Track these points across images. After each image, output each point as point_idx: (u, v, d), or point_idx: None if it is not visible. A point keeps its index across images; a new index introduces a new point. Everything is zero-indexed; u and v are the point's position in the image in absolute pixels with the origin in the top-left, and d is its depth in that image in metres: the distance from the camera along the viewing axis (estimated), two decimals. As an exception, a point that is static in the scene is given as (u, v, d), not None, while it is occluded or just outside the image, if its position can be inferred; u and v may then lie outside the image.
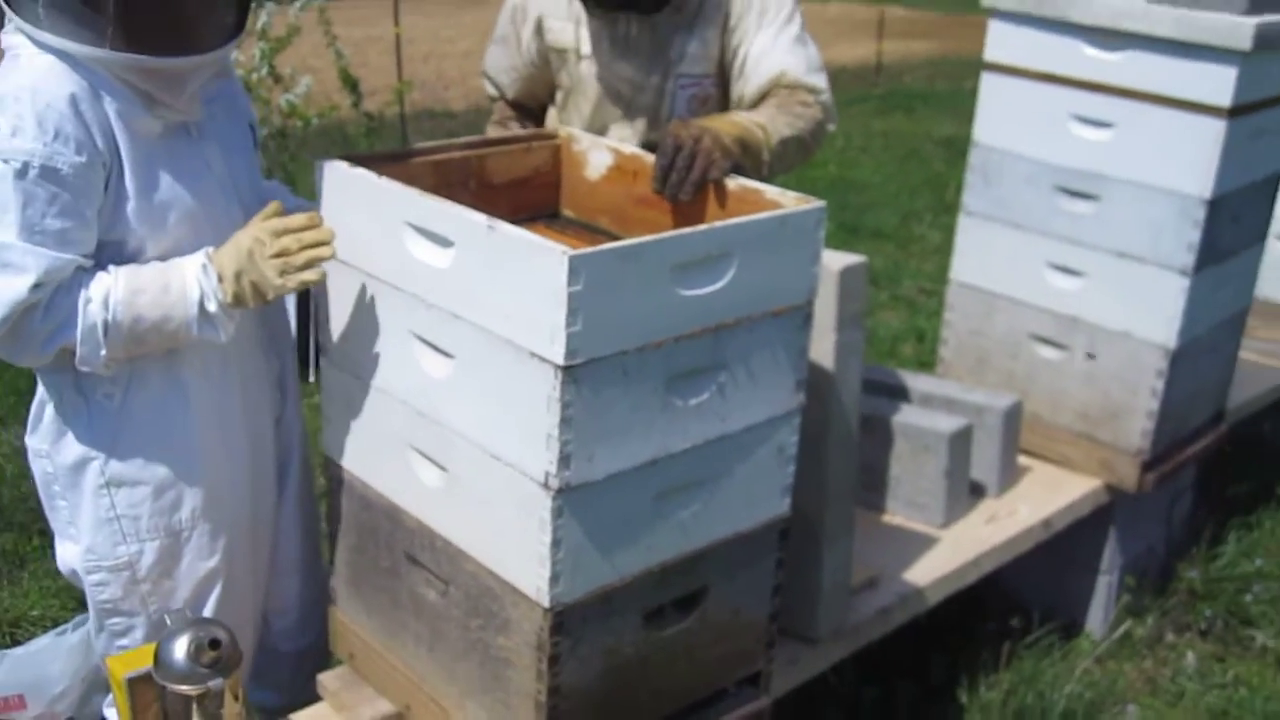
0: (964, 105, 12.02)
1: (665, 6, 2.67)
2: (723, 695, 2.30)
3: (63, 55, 1.99)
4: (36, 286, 1.96)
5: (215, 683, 1.95)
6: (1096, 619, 3.56)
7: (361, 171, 2.08)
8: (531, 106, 3.02)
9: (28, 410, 2.29)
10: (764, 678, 2.35)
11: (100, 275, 2.03)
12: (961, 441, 3.11)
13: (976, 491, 3.27)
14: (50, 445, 2.22)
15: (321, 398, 2.31)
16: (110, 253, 2.08)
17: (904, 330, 6.11)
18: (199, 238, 2.13)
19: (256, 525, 2.39)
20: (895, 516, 3.15)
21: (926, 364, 5.02)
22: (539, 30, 2.86)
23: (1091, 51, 3.17)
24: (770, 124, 2.51)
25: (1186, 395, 3.39)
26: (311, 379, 5.45)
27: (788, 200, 2.10)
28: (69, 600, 3.65)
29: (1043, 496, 3.31)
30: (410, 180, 2.08)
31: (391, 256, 2.03)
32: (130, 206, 2.06)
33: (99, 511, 2.23)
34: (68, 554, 2.31)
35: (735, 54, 2.73)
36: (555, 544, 1.87)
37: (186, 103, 2.11)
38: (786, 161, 2.58)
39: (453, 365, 1.97)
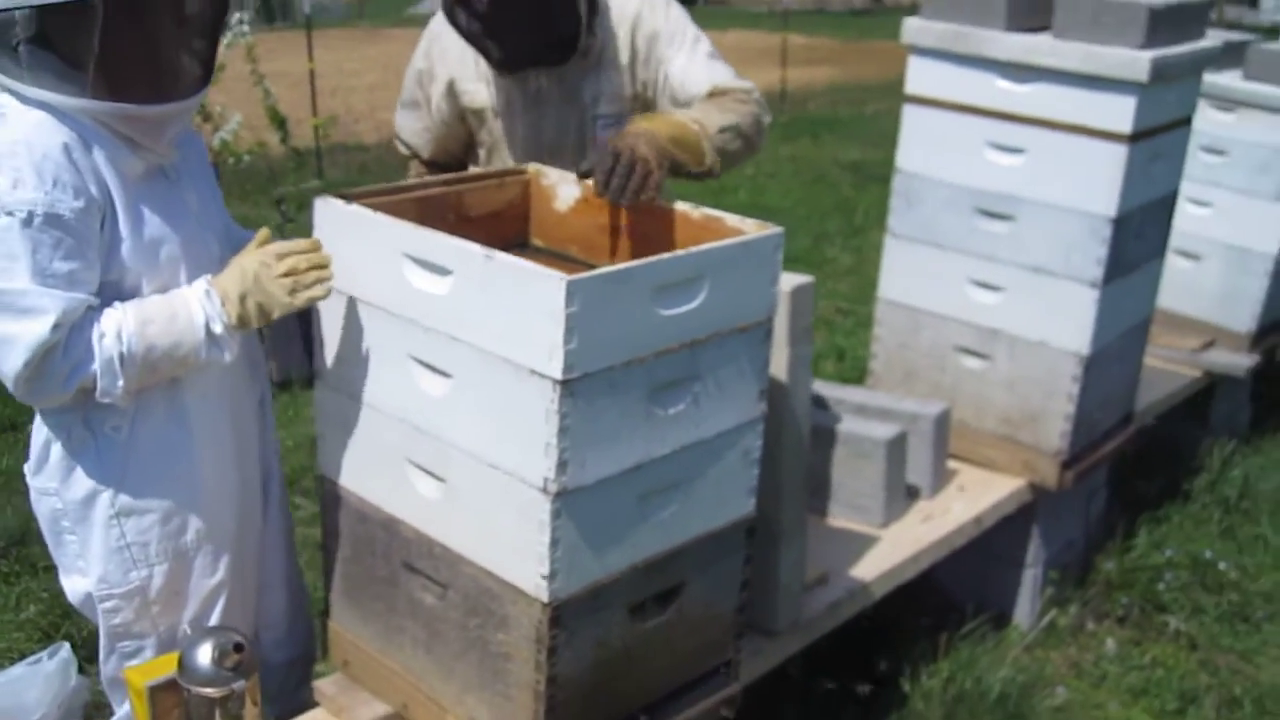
0: (867, 130, 12.52)
1: (571, 56, 2.76)
2: (697, 683, 2.49)
3: (49, 108, 2.12)
4: (56, 327, 2.08)
5: (238, 685, 2.10)
6: (1023, 611, 3.81)
7: (357, 208, 2.25)
8: (447, 163, 3.11)
9: None
10: (734, 666, 2.55)
11: (109, 311, 2.16)
12: (897, 447, 3.34)
13: (912, 494, 3.50)
14: (59, 483, 2.32)
15: (316, 419, 2.46)
16: (108, 292, 2.20)
17: (825, 349, 6.34)
18: (186, 273, 2.27)
19: (245, 541, 2.53)
20: (838, 519, 3.37)
21: (849, 380, 5.25)
22: (451, 92, 2.95)
23: (1004, 84, 3.44)
24: (704, 117, 2.65)
25: (1099, 399, 3.65)
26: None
27: (748, 226, 2.31)
28: (34, 632, 3.73)
29: (972, 496, 3.55)
30: (396, 214, 2.25)
31: (388, 285, 2.20)
32: (124, 246, 2.19)
33: (110, 541, 2.33)
34: (77, 585, 2.41)
35: (654, 85, 2.86)
36: (554, 544, 2.06)
37: (165, 146, 2.25)
38: (730, 153, 2.68)
39: (450, 384, 2.15)
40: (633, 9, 2.84)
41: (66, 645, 3.42)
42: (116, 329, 2.14)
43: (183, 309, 2.20)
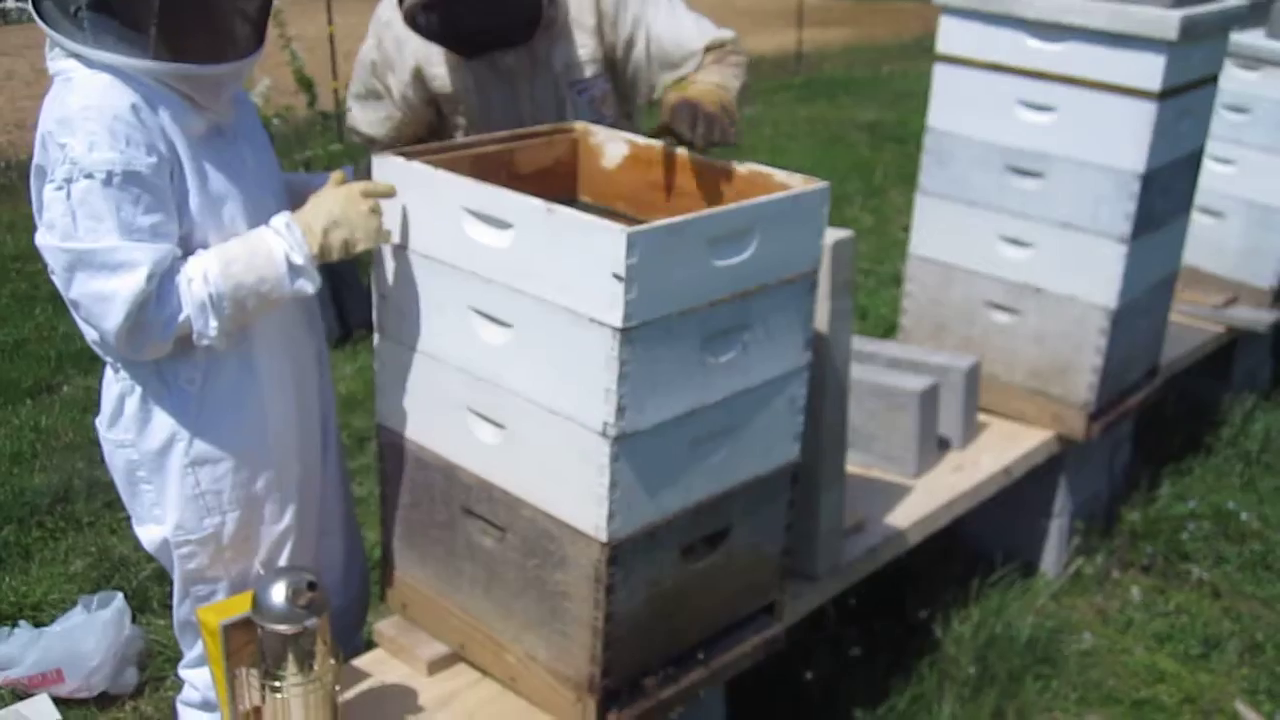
0: (884, 90, 12.53)
1: (535, 32, 2.77)
2: (743, 623, 2.59)
3: (113, 71, 2.19)
4: (149, 278, 2.15)
5: (311, 622, 2.19)
6: (1050, 559, 3.90)
7: (418, 164, 2.33)
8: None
9: (2, 410, 2.43)
10: (778, 607, 2.65)
11: (192, 259, 2.23)
12: (930, 399, 3.43)
13: (943, 445, 3.59)
14: (135, 434, 2.41)
15: (376, 370, 2.55)
16: (180, 246, 2.28)
17: (848, 307, 6.39)
18: (249, 227, 2.35)
19: (308, 489, 2.62)
20: (872, 469, 3.46)
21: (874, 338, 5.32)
22: (418, 78, 2.93)
23: (1035, 43, 3.50)
24: (724, 81, 2.75)
25: (1125, 352, 3.73)
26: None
27: (795, 181, 2.39)
28: (85, 584, 3.84)
29: (1002, 447, 3.64)
30: (452, 171, 2.33)
31: (448, 239, 2.28)
32: (192, 202, 2.27)
33: (185, 490, 2.42)
34: (153, 534, 2.50)
35: (629, 46, 2.87)
36: (612, 485, 2.15)
37: (223, 106, 2.34)
38: (742, 108, 2.81)
39: (511, 334, 2.23)
40: None
41: (120, 595, 3.54)
42: (203, 273, 2.21)
43: (262, 245, 2.26)
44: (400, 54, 2.88)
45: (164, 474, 2.42)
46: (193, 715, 2.69)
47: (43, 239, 2.21)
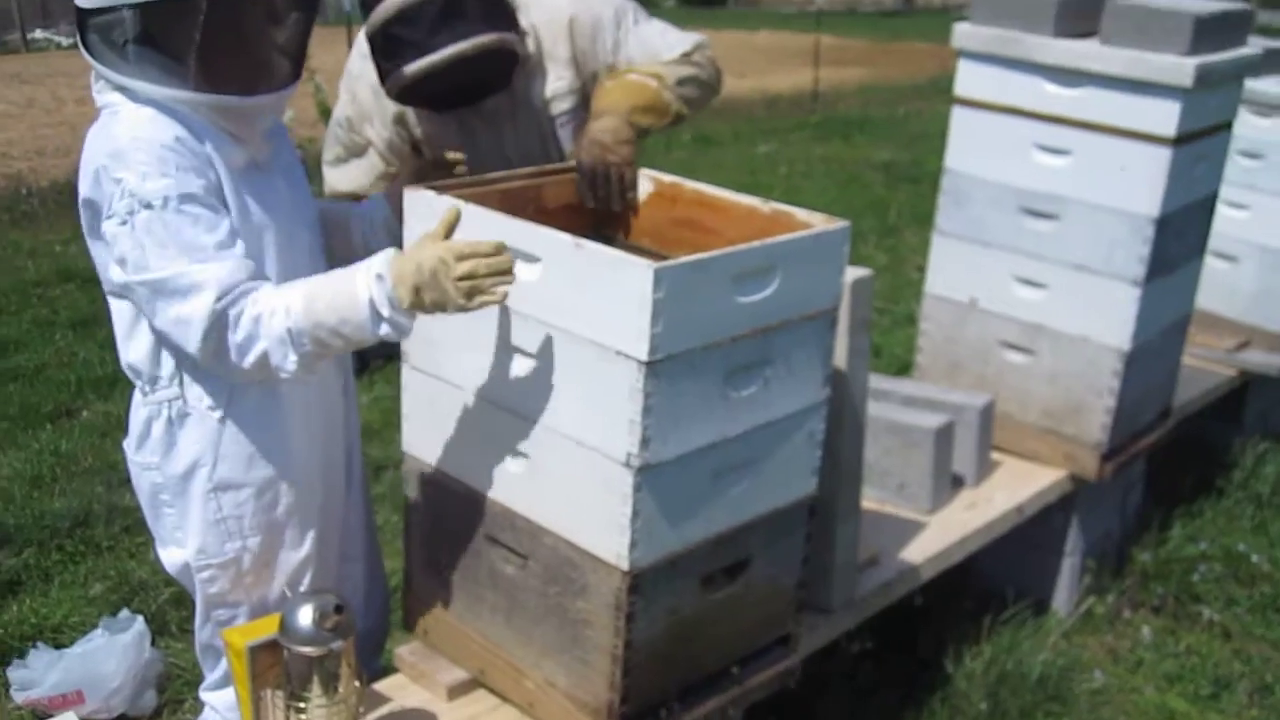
0: (899, 131, 12.62)
1: (514, 75, 2.74)
2: (759, 654, 2.63)
3: (157, 104, 2.25)
4: (220, 296, 2.18)
5: (336, 645, 2.24)
6: (1062, 598, 3.93)
7: (449, 198, 2.38)
8: None
9: (20, 435, 2.46)
10: (794, 639, 2.69)
11: (278, 291, 2.24)
12: (945, 436, 3.47)
13: (957, 482, 3.63)
14: (160, 458, 2.45)
15: (403, 399, 2.60)
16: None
17: (862, 346, 6.43)
18: (287, 258, 2.40)
19: (330, 516, 2.66)
20: (887, 505, 3.50)
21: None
22: (401, 123, 2.88)
23: (1052, 88, 3.55)
24: (664, 70, 2.76)
25: (1138, 394, 3.77)
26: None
27: (817, 220, 2.44)
28: (104, 607, 3.88)
29: (1015, 486, 3.67)
30: (482, 205, 2.39)
31: (478, 272, 2.33)
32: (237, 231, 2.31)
33: (208, 515, 2.46)
34: (174, 556, 2.54)
35: (607, 69, 2.85)
36: (635, 515, 2.19)
37: (260, 137, 2.40)
38: (693, 99, 2.80)
39: (537, 365, 2.28)
40: (564, 9, 2.82)
41: (140, 618, 3.58)
42: (285, 306, 2.20)
43: (348, 286, 2.20)
44: (379, 102, 2.85)
45: (186, 498, 2.46)
46: None
47: (119, 276, 2.26)
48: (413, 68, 2.56)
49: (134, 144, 2.20)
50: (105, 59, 2.26)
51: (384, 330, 2.20)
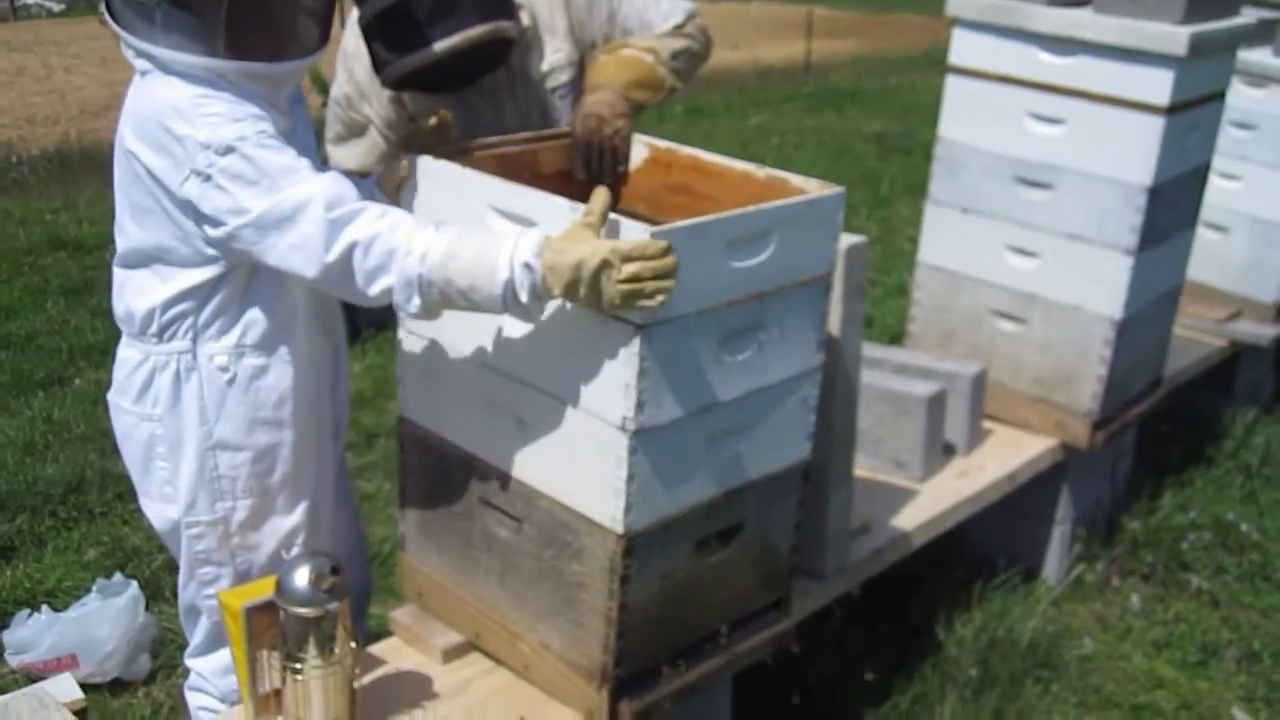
0: (891, 102, 12.60)
1: (509, 53, 2.70)
2: (753, 618, 2.64)
3: (183, 74, 2.23)
4: (329, 207, 2.16)
5: (332, 606, 2.24)
6: (1052, 566, 3.96)
7: (445, 162, 2.39)
8: None
9: (12, 402, 2.43)
10: (786, 603, 2.70)
11: (429, 231, 2.18)
12: (937, 405, 3.48)
13: (948, 451, 3.65)
14: (164, 410, 2.46)
15: (398, 362, 2.60)
16: None
17: (854, 316, 6.44)
18: None
19: (320, 486, 2.66)
20: (879, 473, 3.51)
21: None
22: (398, 100, 2.82)
23: (1046, 57, 3.56)
24: (659, 44, 2.76)
25: (1129, 363, 3.78)
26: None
27: (811, 186, 2.44)
28: (98, 572, 3.89)
29: (1006, 454, 3.69)
30: (478, 169, 2.39)
31: (474, 236, 2.33)
32: None
33: (203, 472, 2.48)
34: (164, 511, 2.56)
35: (605, 38, 2.83)
36: (630, 479, 2.20)
37: (284, 106, 2.38)
38: (685, 71, 2.80)
39: (533, 330, 2.29)
40: None
41: (134, 583, 3.59)
42: (424, 251, 2.15)
43: (491, 255, 2.12)
44: (375, 81, 2.78)
45: (181, 453, 2.48)
46: (200, 700, 2.74)
47: (217, 232, 2.25)
48: (406, 61, 2.52)
49: (195, 100, 2.21)
50: (132, 26, 2.25)
51: (516, 313, 2.16)
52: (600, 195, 2.15)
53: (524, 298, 2.10)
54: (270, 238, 2.20)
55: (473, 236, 2.17)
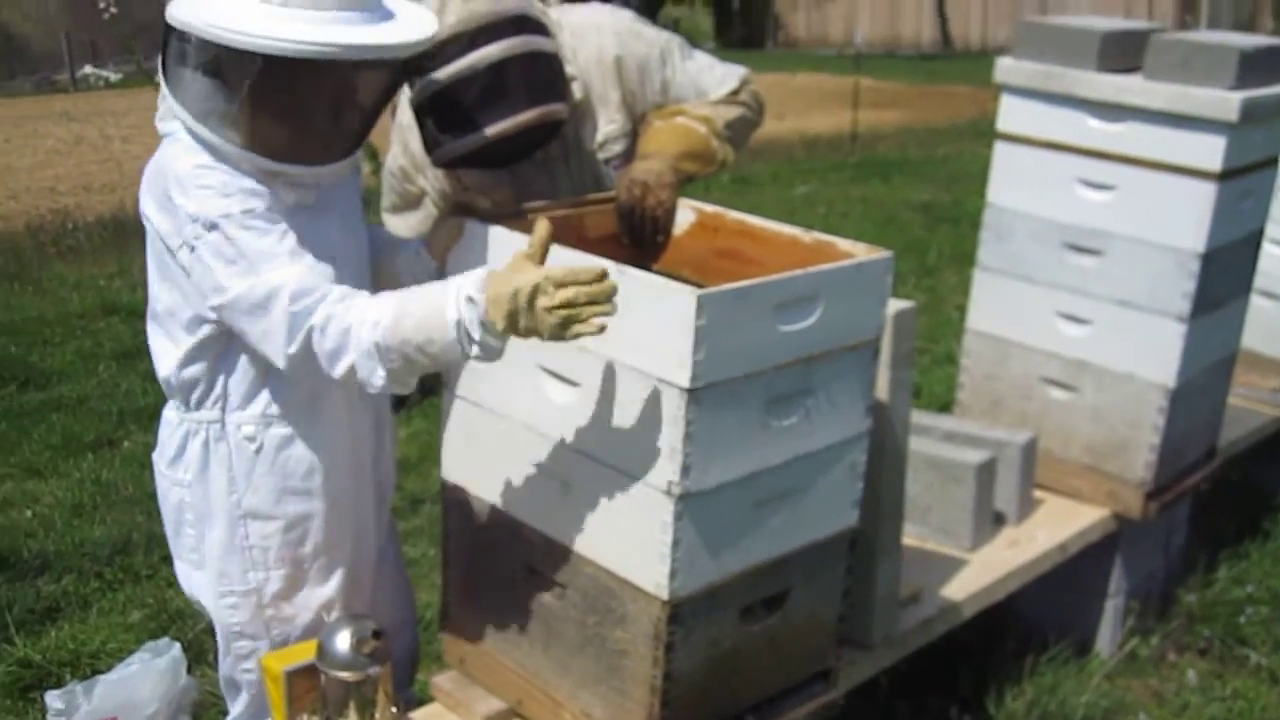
0: (937, 172, 12.60)
1: (560, 129, 2.69)
2: (799, 688, 2.60)
3: (204, 144, 2.25)
4: (294, 299, 2.17)
5: (374, 670, 2.23)
6: (1105, 639, 3.87)
7: (495, 227, 2.39)
8: None
9: (61, 464, 2.45)
10: (834, 674, 2.66)
11: (371, 301, 2.20)
12: (987, 473, 3.44)
13: (998, 520, 3.59)
14: (193, 477, 2.46)
15: (442, 426, 2.60)
16: None
17: (901, 385, 6.40)
18: None
19: (360, 556, 2.62)
20: (927, 542, 3.46)
21: (928, 414, 5.32)
22: (452, 175, 2.84)
23: (1095, 123, 3.54)
24: (713, 113, 2.77)
25: (1183, 431, 3.72)
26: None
27: (859, 250, 2.43)
28: (142, 634, 3.89)
29: (1058, 524, 3.63)
30: (525, 233, 2.39)
31: (520, 299, 2.33)
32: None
33: (234, 540, 2.47)
34: (191, 575, 2.57)
35: (657, 105, 2.84)
36: (675, 544, 2.18)
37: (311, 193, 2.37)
38: (740, 141, 2.83)
39: (578, 393, 2.28)
40: (610, 51, 2.80)
41: (177, 645, 3.58)
42: (375, 319, 2.16)
43: (436, 303, 2.14)
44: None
45: (212, 521, 2.48)
46: None
47: (201, 307, 2.29)
48: (457, 145, 2.55)
49: (194, 171, 2.23)
50: (174, 86, 2.27)
51: (475, 352, 2.14)
52: (541, 226, 2.15)
53: (476, 335, 2.10)
54: (245, 322, 2.23)
55: (420, 291, 2.18)
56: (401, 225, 2.99)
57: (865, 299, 2.36)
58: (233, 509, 2.46)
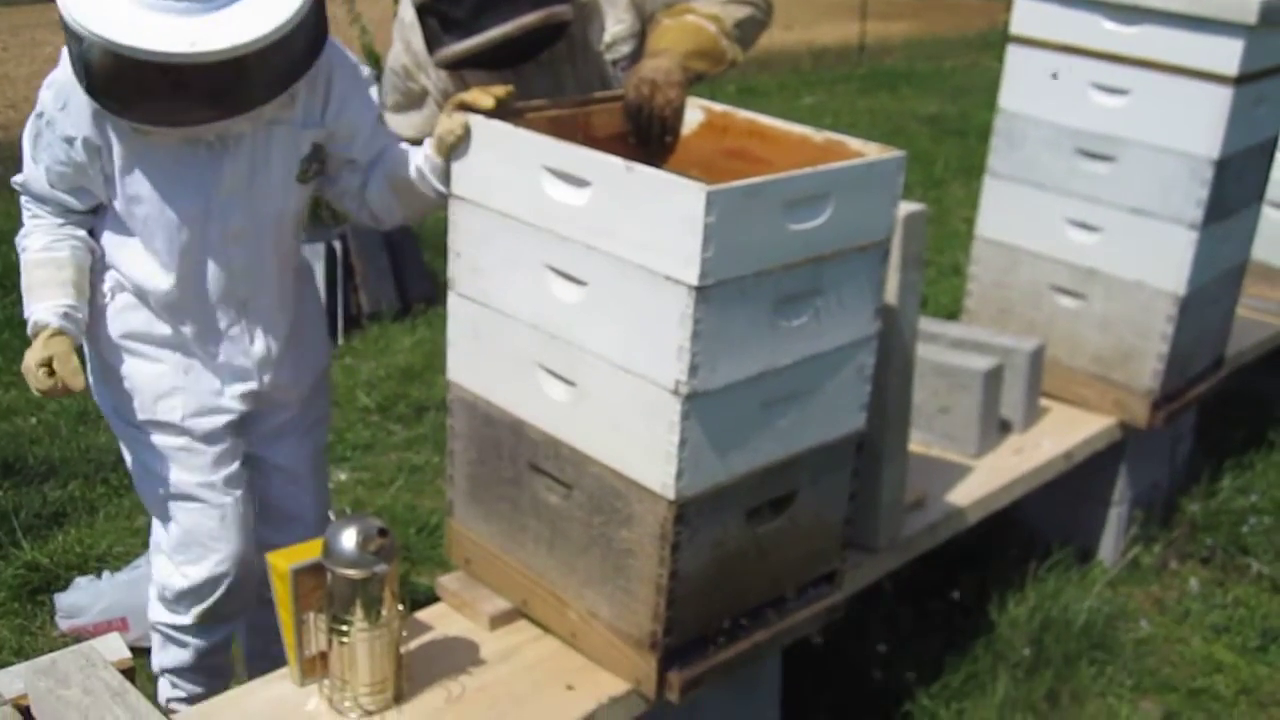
0: (945, 84, 12.47)
1: (565, 30, 2.66)
2: (804, 589, 2.60)
3: None
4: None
5: (380, 568, 2.22)
6: (1108, 548, 3.89)
7: (498, 123, 2.35)
8: None
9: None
10: (838, 576, 2.66)
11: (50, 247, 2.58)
12: (994, 379, 3.42)
13: (1004, 427, 3.58)
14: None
15: (448, 326, 2.57)
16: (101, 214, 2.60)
17: (906, 296, 6.38)
18: (166, 237, 2.52)
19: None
20: (933, 448, 3.46)
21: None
22: (455, 75, 2.80)
23: (1110, 25, 3.47)
24: (722, 11, 2.71)
25: (1191, 340, 3.70)
26: (340, 341, 5.67)
27: (870, 149, 2.39)
28: (148, 538, 3.90)
29: (1063, 432, 3.62)
30: (531, 129, 2.35)
31: (526, 197, 2.30)
32: (112, 185, 2.50)
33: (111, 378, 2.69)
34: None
35: (669, 6, 2.77)
36: (682, 444, 2.16)
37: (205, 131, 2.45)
38: (750, 38, 2.78)
39: (585, 291, 2.25)
40: None
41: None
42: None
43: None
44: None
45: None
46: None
47: None
48: (457, 47, 2.54)
49: (61, 74, 2.43)
50: None
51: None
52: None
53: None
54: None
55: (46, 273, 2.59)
56: (404, 124, 2.94)
57: (876, 199, 2.33)
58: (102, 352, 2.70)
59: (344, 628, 2.25)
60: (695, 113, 2.68)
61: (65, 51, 2.39)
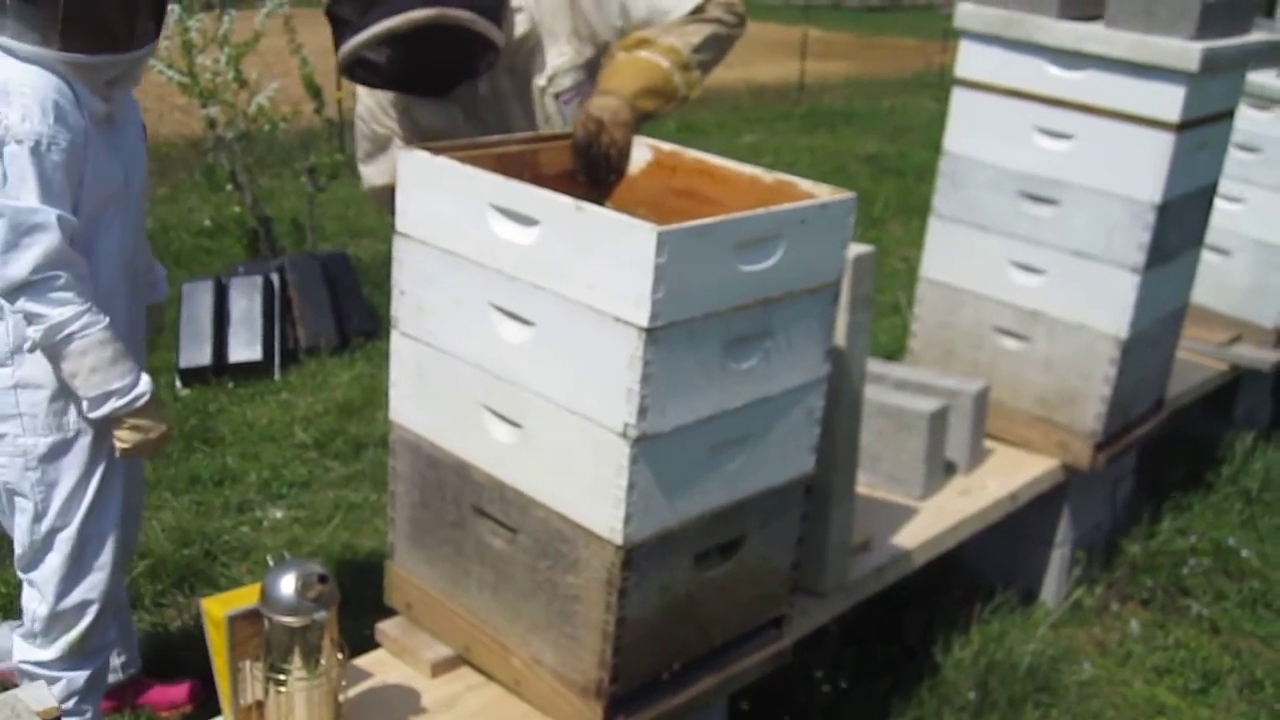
0: (884, 123, 12.60)
1: (498, 59, 2.63)
2: (752, 635, 2.56)
3: (33, 61, 2.48)
4: (58, 245, 2.48)
5: (319, 615, 2.16)
6: (1050, 589, 3.89)
7: (445, 160, 2.31)
8: None
9: None
10: (786, 621, 2.62)
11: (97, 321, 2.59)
12: (939, 421, 3.41)
13: (949, 469, 3.57)
14: None
15: (391, 366, 2.52)
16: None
17: (849, 334, 6.39)
18: (122, 206, 2.68)
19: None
20: (878, 490, 3.44)
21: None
22: (407, 113, 2.83)
23: (1054, 70, 3.50)
24: (679, 41, 2.65)
25: (1133, 383, 3.72)
26: (277, 376, 5.58)
27: (821, 191, 2.37)
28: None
29: (1008, 473, 3.62)
30: (478, 167, 2.31)
31: (472, 235, 2.26)
32: (89, 177, 2.56)
33: (6, 408, 2.66)
34: None
35: (616, 35, 2.73)
36: (630, 488, 2.12)
37: (116, 96, 2.65)
38: (711, 63, 2.71)
39: (533, 332, 2.21)
40: None
41: None
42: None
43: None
44: (388, 95, 2.81)
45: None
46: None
47: None
48: (349, 44, 2.51)
49: (20, 86, 2.46)
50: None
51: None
52: None
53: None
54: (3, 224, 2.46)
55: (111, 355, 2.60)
56: (374, 172, 2.95)
57: (827, 241, 2.31)
58: (8, 378, 2.65)
59: (281, 676, 2.18)
60: (644, 151, 2.66)
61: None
